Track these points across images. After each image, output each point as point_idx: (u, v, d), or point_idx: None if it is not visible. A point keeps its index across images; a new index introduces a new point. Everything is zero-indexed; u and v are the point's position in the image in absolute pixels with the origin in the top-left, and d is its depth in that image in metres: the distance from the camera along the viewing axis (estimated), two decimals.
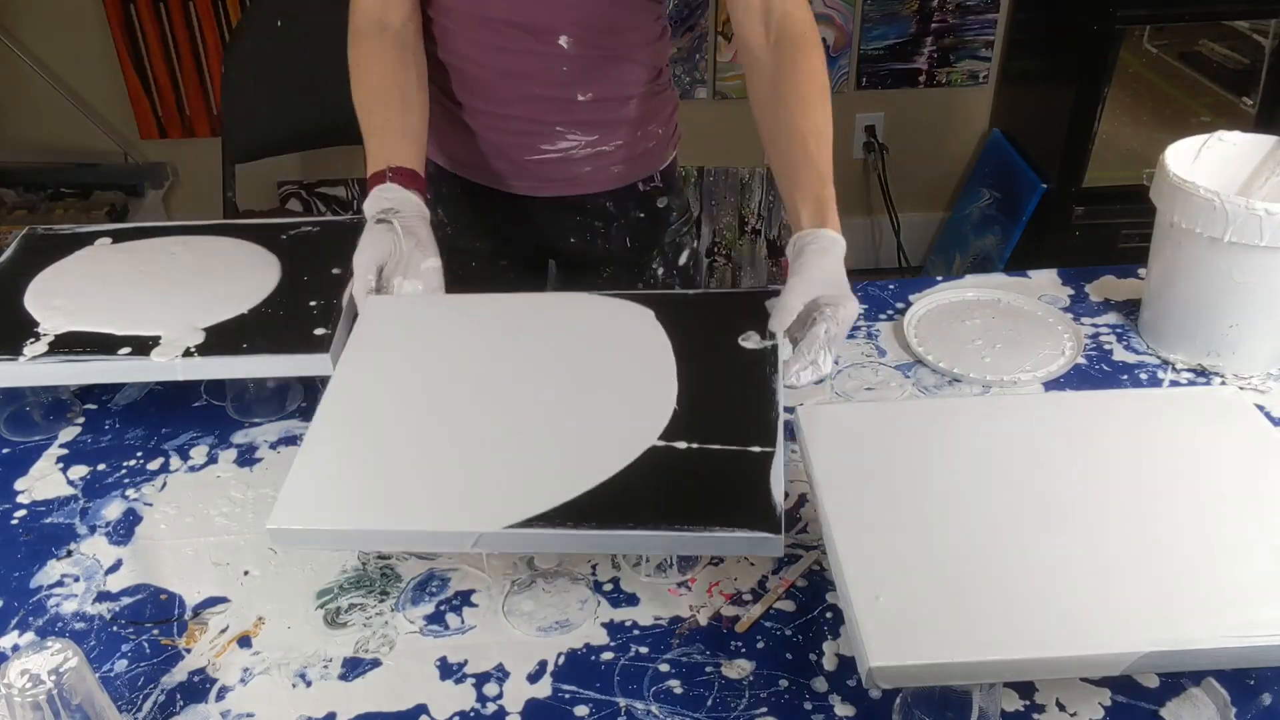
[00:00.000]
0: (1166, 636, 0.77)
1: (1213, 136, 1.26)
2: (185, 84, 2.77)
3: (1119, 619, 0.78)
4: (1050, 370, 1.22)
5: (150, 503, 1.08)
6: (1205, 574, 0.82)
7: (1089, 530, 0.86)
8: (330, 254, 1.23)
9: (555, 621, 0.94)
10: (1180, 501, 0.89)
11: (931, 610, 0.79)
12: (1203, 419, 0.98)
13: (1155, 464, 0.93)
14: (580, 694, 0.88)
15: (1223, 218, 1.13)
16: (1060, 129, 2.59)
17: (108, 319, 1.13)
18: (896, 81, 2.92)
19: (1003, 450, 0.95)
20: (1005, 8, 2.83)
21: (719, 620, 0.94)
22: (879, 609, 0.79)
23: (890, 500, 0.89)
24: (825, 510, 0.88)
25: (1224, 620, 0.78)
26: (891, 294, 1.37)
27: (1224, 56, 2.66)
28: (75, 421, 1.18)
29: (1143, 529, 0.86)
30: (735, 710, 0.86)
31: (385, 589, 0.98)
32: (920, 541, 0.85)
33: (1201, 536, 0.86)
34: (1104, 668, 0.79)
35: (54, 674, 0.75)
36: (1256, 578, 0.81)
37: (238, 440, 1.15)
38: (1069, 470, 0.92)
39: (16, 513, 1.07)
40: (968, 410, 1.02)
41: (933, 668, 0.76)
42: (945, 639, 0.77)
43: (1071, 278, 1.40)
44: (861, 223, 3.10)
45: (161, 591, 0.98)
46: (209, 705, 0.88)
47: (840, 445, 0.95)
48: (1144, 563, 0.83)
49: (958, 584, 0.81)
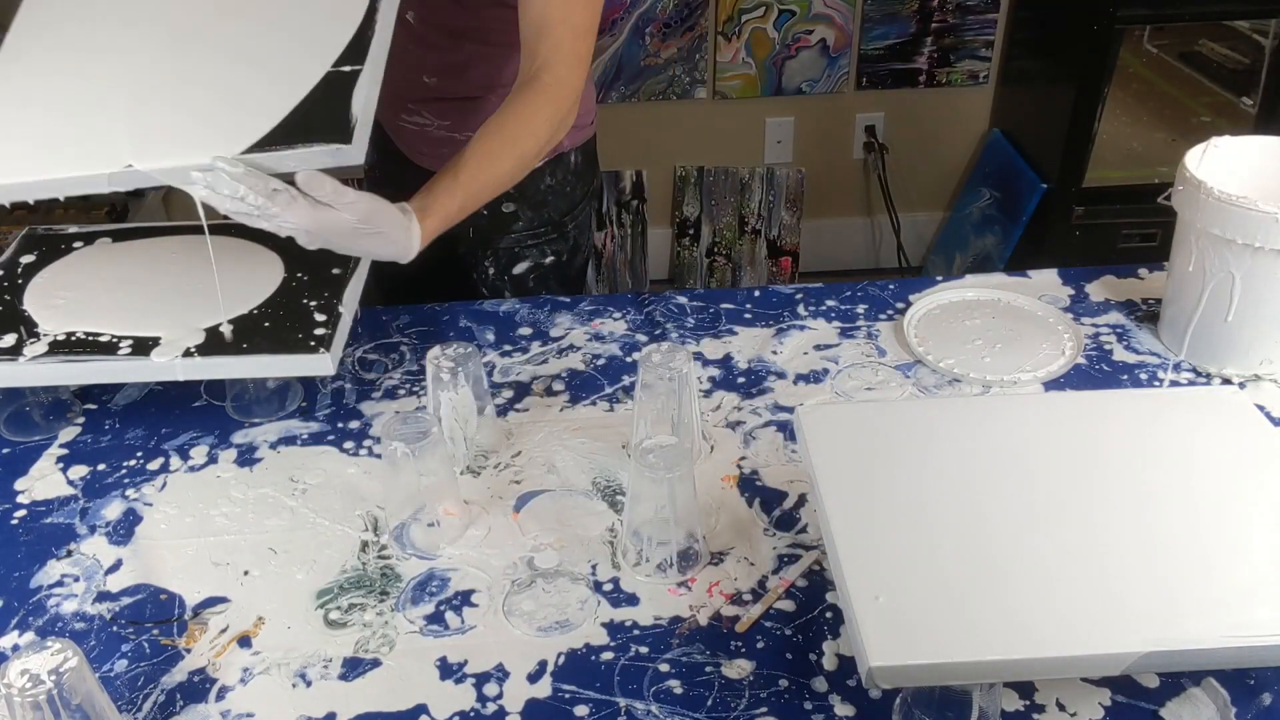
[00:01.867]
0: (1166, 636, 0.77)
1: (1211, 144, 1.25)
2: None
3: (1119, 619, 0.78)
4: (1050, 370, 1.22)
5: (150, 503, 1.08)
6: (1205, 574, 0.82)
7: (1089, 530, 0.86)
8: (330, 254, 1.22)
9: (555, 621, 0.94)
10: (1180, 501, 0.89)
11: (931, 610, 0.79)
12: (1203, 419, 0.98)
13: (1155, 464, 0.93)
14: (580, 694, 0.88)
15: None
16: (1060, 129, 2.59)
17: (108, 319, 1.13)
18: (896, 81, 2.92)
19: (1002, 450, 0.95)
20: (1005, 8, 2.83)
21: (719, 620, 0.94)
22: (879, 609, 0.79)
23: (890, 500, 0.89)
24: (825, 510, 0.88)
25: (1224, 620, 0.78)
26: (891, 294, 1.37)
27: (1224, 56, 2.66)
28: (75, 421, 1.18)
29: (1142, 529, 0.86)
30: (735, 710, 0.86)
31: (385, 589, 0.97)
32: (920, 541, 0.85)
33: (1201, 536, 0.86)
34: (1104, 668, 0.79)
35: (54, 674, 0.75)
36: (1256, 578, 0.82)
37: (238, 440, 1.15)
38: (1069, 470, 0.92)
39: (16, 513, 1.07)
40: (968, 410, 1.02)
41: (933, 668, 0.76)
42: (945, 639, 0.77)
43: (1071, 278, 1.40)
44: (861, 223, 3.10)
45: (161, 591, 0.98)
46: (209, 705, 0.88)
47: (840, 445, 0.95)
48: (1144, 562, 0.83)
49: (958, 584, 0.82)
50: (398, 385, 1.23)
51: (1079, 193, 2.61)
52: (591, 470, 1.11)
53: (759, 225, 3.05)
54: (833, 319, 1.33)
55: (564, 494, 1.08)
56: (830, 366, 1.25)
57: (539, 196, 1.47)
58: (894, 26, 2.83)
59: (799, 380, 1.23)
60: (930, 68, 2.90)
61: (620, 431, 1.15)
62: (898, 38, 2.85)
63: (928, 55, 2.88)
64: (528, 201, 1.47)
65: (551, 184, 1.47)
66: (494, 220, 1.47)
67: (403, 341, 1.31)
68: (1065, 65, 2.58)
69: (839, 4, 2.79)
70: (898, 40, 2.85)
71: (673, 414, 1.06)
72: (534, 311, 1.36)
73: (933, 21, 2.83)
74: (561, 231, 1.52)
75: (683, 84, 2.86)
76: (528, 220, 1.48)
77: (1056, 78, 2.63)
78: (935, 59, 2.89)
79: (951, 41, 2.87)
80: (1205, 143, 1.24)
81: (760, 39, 2.82)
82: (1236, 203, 1.13)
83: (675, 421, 1.06)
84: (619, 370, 1.25)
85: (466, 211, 1.13)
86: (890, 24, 2.83)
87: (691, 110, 2.91)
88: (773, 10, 2.77)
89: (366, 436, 1.16)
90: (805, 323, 1.32)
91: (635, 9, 2.74)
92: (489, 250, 1.50)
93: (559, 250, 1.52)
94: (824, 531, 0.88)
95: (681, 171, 3.00)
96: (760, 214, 3.04)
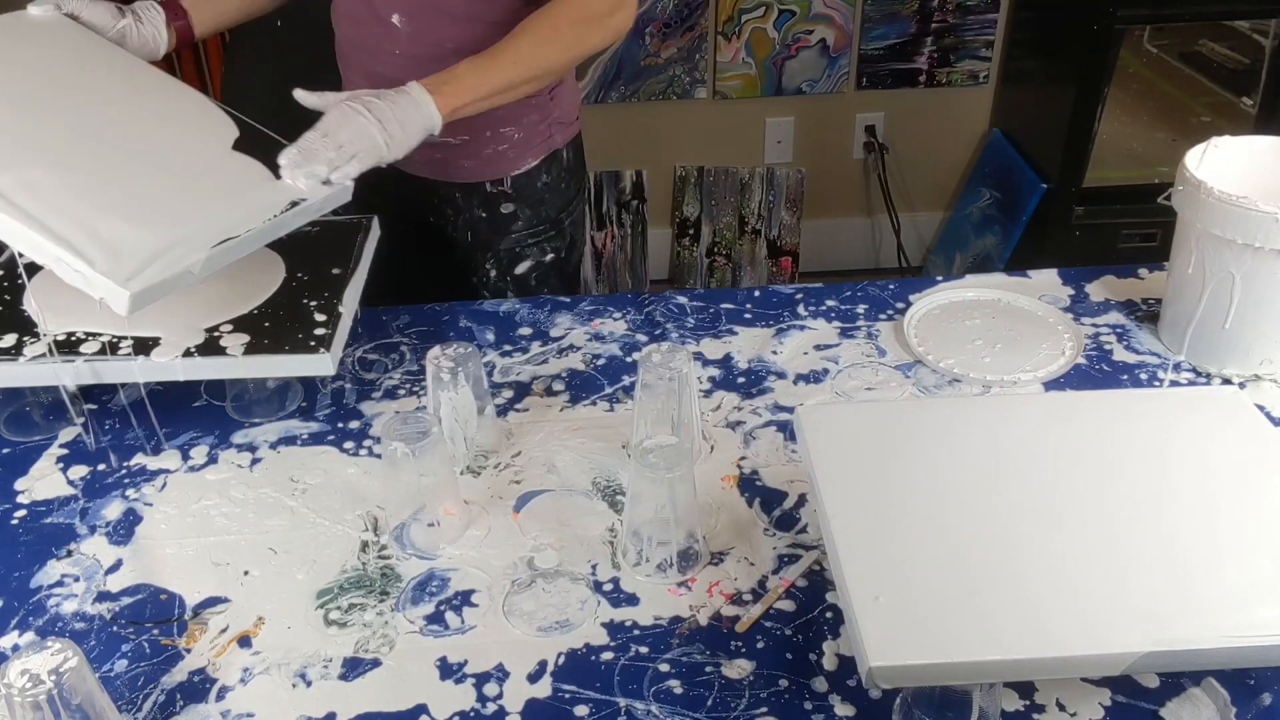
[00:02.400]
0: (1166, 636, 0.77)
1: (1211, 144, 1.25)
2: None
3: (1119, 619, 0.78)
4: (1050, 370, 1.22)
5: (150, 503, 1.08)
6: (1205, 573, 0.82)
7: (1088, 530, 0.86)
8: (330, 254, 1.23)
9: (555, 621, 0.94)
10: (1179, 501, 0.89)
11: (931, 610, 0.79)
12: (1203, 419, 0.98)
13: (1154, 464, 0.93)
14: (580, 694, 0.88)
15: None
16: (1060, 129, 2.59)
17: (108, 319, 1.13)
18: (897, 81, 2.92)
19: (1002, 451, 0.95)
20: (1005, 8, 2.83)
21: (719, 620, 0.94)
22: (879, 609, 0.79)
23: (890, 500, 0.89)
24: (825, 510, 0.88)
25: (1224, 620, 0.78)
26: (891, 294, 1.37)
27: (1224, 56, 2.66)
28: (75, 421, 1.18)
29: (1143, 528, 0.86)
30: (735, 710, 0.86)
31: (385, 589, 0.97)
32: (920, 541, 0.85)
33: (1201, 536, 0.86)
34: (1104, 668, 0.79)
35: (54, 674, 0.75)
36: (1256, 577, 0.82)
37: (238, 440, 1.15)
38: (1068, 470, 0.92)
39: (16, 513, 1.07)
40: (968, 410, 1.02)
41: (932, 667, 0.76)
42: (945, 639, 0.77)
43: (1072, 278, 1.40)
44: (861, 222, 3.10)
45: (161, 591, 0.98)
46: (209, 705, 0.88)
47: (840, 445, 0.95)
48: (1144, 562, 0.83)
49: (957, 584, 0.81)
50: (398, 385, 1.23)
51: (1079, 193, 2.61)
52: (591, 470, 1.11)
53: (759, 225, 3.05)
54: (833, 319, 1.33)
55: (564, 494, 1.08)
56: (830, 366, 1.25)
57: (537, 195, 1.48)
58: (894, 26, 2.83)
59: (799, 380, 1.23)
60: (930, 68, 2.90)
61: (620, 431, 1.15)
62: (898, 38, 2.85)
63: (928, 55, 2.88)
64: (526, 201, 1.47)
65: (548, 181, 1.48)
66: (493, 222, 1.47)
67: (403, 341, 1.31)
68: (1065, 65, 2.58)
69: (839, 4, 2.79)
70: (898, 40, 2.85)
71: (673, 414, 1.06)
72: (534, 311, 1.36)
73: (933, 21, 2.83)
74: (559, 229, 1.52)
75: (683, 84, 2.86)
76: (527, 219, 1.49)
77: (1057, 78, 2.63)
78: (935, 59, 2.89)
79: (951, 41, 2.87)
80: (1205, 143, 1.24)
81: (760, 39, 2.82)
82: (1236, 203, 1.13)
83: (675, 421, 1.06)
84: (619, 370, 1.25)
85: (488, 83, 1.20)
86: (890, 24, 2.83)
87: (692, 110, 2.91)
88: (773, 10, 2.77)
89: (366, 436, 1.16)
90: (805, 323, 1.32)
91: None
92: (489, 253, 1.50)
93: (558, 247, 1.53)
94: (824, 531, 0.88)
95: (681, 171, 3.00)
96: (760, 214, 3.04)
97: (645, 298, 1.38)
